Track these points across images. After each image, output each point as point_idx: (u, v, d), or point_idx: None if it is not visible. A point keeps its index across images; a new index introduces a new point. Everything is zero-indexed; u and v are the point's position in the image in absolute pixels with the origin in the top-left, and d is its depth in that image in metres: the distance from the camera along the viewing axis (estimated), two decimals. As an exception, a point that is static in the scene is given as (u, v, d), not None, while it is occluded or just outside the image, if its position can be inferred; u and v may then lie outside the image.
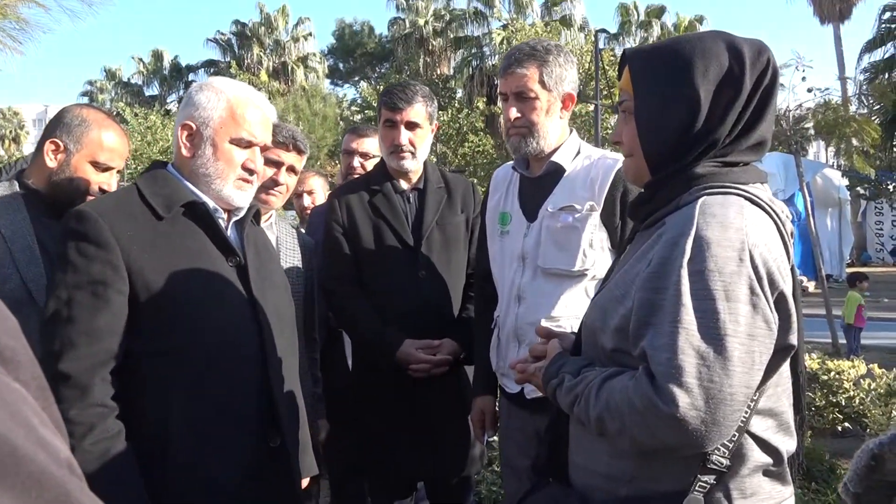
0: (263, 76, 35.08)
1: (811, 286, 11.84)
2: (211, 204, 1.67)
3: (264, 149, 1.74)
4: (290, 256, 2.53)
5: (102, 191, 1.99)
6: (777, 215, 1.23)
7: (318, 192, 3.66)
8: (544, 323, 1.94)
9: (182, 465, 1.51)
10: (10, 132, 46.31)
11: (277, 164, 2.38)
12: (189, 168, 1.67)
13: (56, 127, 2.01)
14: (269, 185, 2.38)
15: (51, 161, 1.98)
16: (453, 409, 2.51)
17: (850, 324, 9.28)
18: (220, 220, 1.68)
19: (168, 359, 1.54)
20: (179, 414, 1.52)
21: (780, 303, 1.17)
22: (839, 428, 4.78)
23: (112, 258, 1.50)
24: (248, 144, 1.68)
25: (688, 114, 1.24)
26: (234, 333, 1.62)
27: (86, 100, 38.54)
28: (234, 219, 1.74)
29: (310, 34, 39.66)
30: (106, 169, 2.03)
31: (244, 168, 1.68)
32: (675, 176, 1.27)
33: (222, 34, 39.62)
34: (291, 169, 2.44)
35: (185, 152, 1.67)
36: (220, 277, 1.63)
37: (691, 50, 1.25)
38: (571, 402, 1.27)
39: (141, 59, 43.51)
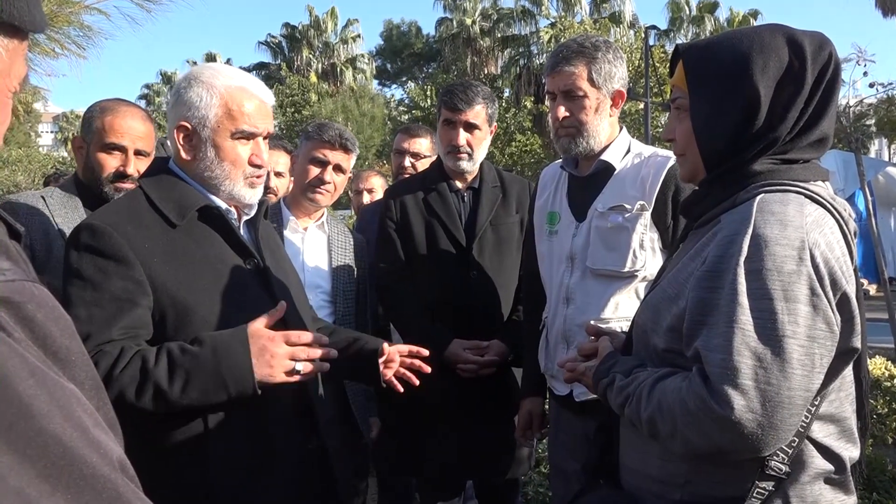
0: (313, 78, 35.64)
1: (872, 289, 11.39)
2: (223, 206, 1.62)
3: (267, 136, 1.66)
4: (342, 255, 2.55)
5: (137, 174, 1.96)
6: (839, 214, 1.18)
7: (378, 190, 3.71)
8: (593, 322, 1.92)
9: (221, 474, 1.49)
10: (72, 135, 48.14)
11: (324, 164, 2.39)
12: (193, 171, 1.61)
13: (81, 126, 2.12)
14: (316, 183, 2.39)
15: (79, 158, 2.09)
16: (501, 410, 2.50)
17: (914, 328, 8.89)
18: (233, 222, 1.63)
19: None
20: (216, 426, 1.49)
21: (843, 304, 1.13)
22: (903, 437, 4.58)
23: (134, 273, 1.45)
24: (251, 136, 1.60)
25: (746, 111, 1.20)
26: None
27: (143, 102, 39.79)
28: (245, 218, 1.70)
29: (358, 36, 40.12)
30: (116, 148, 2.01)
31: (251, 164, 1.61)
32: (732, 173, 1.23)
33: (273, 37, 40.40)
34: (338, 168, 2.43)
35: (184, 155, 1.59)
36: (243, 283, 1.58)
37: (749, 44, 1.21)
38: (622, 402, 1.26)
39: (195, 63, 44.55)
